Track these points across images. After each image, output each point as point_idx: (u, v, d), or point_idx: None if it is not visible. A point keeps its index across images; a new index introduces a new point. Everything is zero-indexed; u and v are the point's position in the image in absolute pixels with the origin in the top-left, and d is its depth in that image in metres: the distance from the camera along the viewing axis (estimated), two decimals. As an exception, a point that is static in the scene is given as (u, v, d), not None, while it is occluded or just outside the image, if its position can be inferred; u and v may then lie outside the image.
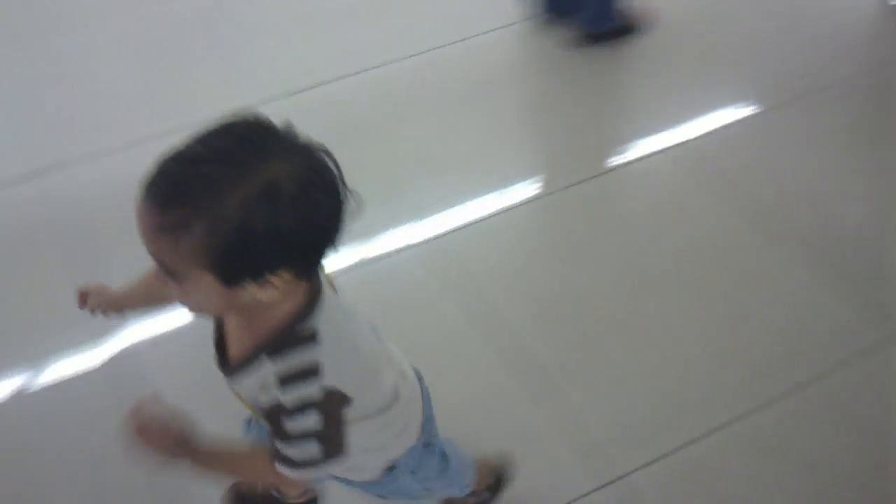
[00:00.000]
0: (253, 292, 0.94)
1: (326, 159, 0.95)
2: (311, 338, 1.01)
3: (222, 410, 1.36)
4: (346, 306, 1.11)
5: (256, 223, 0.88)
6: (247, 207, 0.87)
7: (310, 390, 1.00)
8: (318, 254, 0.97)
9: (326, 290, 1.07)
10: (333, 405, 1.03)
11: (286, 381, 1.00)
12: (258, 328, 1.02)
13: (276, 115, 0.97)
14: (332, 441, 1.05)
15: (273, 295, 0.95)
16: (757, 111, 2.82)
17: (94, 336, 2.18)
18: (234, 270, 0.91)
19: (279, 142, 0.92)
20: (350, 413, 1.07)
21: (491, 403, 2.03)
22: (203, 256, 0.89)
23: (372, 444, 1.23)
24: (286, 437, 1.03)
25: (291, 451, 1.04)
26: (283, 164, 0.90)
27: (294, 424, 1.01)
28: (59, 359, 2.17)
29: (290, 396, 1.00)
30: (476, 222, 2.47)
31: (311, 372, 1.00)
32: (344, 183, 0.95)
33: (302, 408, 1.01)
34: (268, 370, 1.01)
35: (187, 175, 0.88)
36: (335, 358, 1.03)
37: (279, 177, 0.89)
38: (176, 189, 0.88)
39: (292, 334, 1.01)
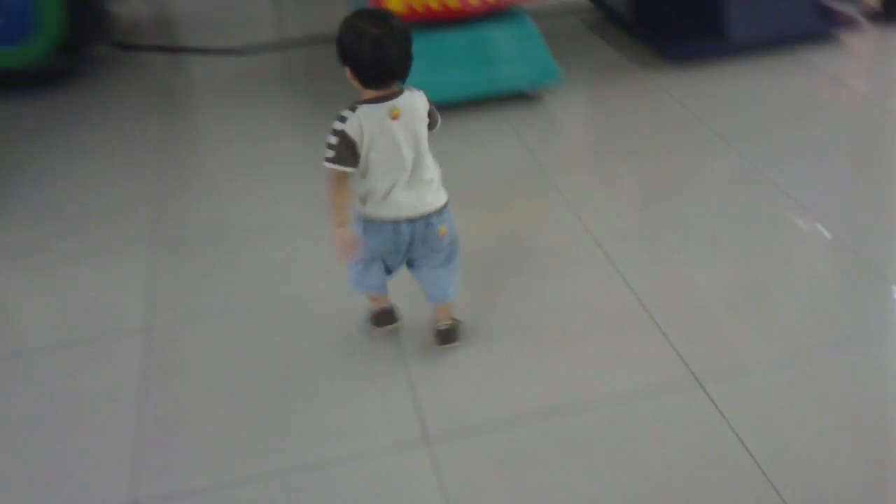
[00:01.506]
0: (350, 80, 1.95)
1: (402, 40, 1.92)
2: (353, 109, 1.95)
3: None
4: (384, 121, 1.96)
5: (344, 44, 1.93)
6: (344, 39, 1.93)
7: (337, 125, 1.95)
8: (367, 76, 1.93)
9: (380, 107, 1.96)
10: (341, 137, 1.95)
11: (335, 119, 1.95)
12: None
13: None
14: (335, 150, 1.96)
15: (354, 84, 1.96)
16: None
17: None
18: (341, 59, 1.95)
19: (386, 22, 1.92)
20: (347, 150, 1.96)
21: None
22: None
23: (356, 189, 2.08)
24: (326, 143, 1.97)
25: (325, 152, 1.96)
26: (375, 28, 1.89)
27: (328, 138, 1.96)
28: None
29: (332, 126, 1.96)
30: None
31: (341, 119, 1.95)
32: (408, 46, 1.94)
33: (332, 132, 1.95)
34: None
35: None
36: (353, 123, 1.94)
37: (366, 30, 1.89)
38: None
39: (351, 105, 1.96)
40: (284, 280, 2.64)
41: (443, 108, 3.42)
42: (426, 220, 2.08)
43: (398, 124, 1.98)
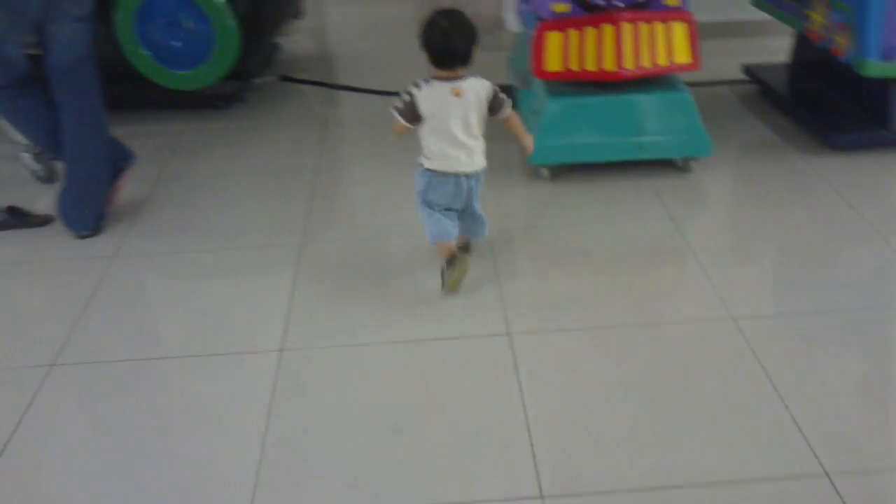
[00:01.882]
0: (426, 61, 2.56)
1: (466, 32, 2.53)
2: (427, 81, 2.57)
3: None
4: (446, 96, 2.57)
5: (423, 32, 2.52)
6: (423, 28, 2.53)
7: (411, 89, 2.57)
8: (436, 59, 2.54)
9: (446, 84, 2.57)
10: (410, 98, 2.58)
11: (412, 84, 2.58)
12: None
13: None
14: (402, 106, 2.60)
15: (429, 63, 2.57)
16: None
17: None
18: (420, 44, 2.54)
19: (455, 18, 2.54)
20: (411, 111, 2.60)
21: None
22: None
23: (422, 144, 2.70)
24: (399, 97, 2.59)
25: (395, 103, 2.61)
26: (445, 21, 2.52)
27: (402, 94, 2.60)
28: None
29: (407, 88, 2.58)
30: None
31: (416, 85, 2.58)
32: (471, 40, 2.55)
33: (406, 92, 2.58)
34: None
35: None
36: (422, 92, 2.57)
37: (439, 22, 2.52)
38: None
39: (426, 78, 2.56)
40: (414, 320, 2.69)
41: (589, 169, 3.47)
42: (477, 176, 2.75)
43: (458, 101, 2.58)
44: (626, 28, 3.26)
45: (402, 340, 2.59)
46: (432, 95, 2.57)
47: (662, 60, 3.35)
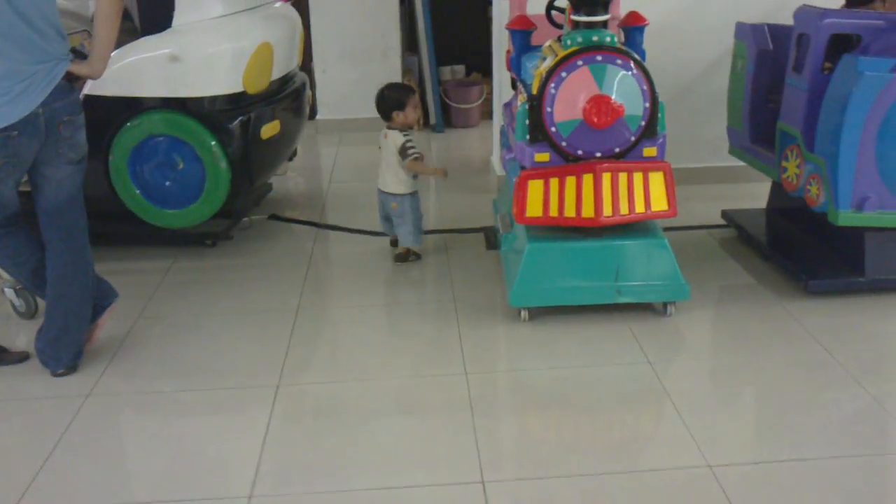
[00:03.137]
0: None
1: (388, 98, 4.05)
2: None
3: None
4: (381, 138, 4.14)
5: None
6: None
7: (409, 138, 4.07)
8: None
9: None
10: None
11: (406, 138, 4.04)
12: None
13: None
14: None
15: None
16: None
17: None
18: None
19: (391, 87, 4.15)
20: None
21: None
22: None
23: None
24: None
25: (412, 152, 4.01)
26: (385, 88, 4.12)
27: (409, 143, 4.05)
28: None
29: (406, 141, 4.02)
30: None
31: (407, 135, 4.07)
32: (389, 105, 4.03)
33: (408, 141, 4.05)
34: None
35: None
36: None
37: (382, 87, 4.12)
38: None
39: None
40: (390, 466, 2.65)
41: (568, 311, 3.50)
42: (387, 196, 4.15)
43: (384, 142, 4.07)
44: (606, 177, 3.36)
45: (377, 488, 2.55)
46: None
47: (640, 208, 3.43)
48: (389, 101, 4.00)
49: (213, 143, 4.01)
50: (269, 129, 4.23)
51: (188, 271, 4.18)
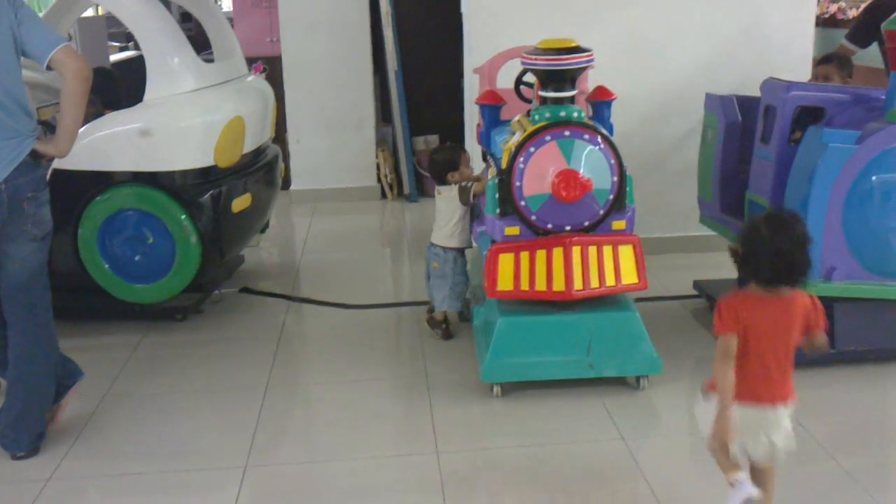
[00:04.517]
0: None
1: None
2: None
3: None
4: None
5: None
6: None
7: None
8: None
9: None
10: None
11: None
12: None
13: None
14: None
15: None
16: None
17: None
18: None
19: None
20: None
21: None
22: None
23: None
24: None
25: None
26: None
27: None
28: None
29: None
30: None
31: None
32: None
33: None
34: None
35: None
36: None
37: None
38: None
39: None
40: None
41: (540, 385, 3.47)
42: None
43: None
44: (576, 251, 3.36)
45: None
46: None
47: (611, 281, 3.43)
48: (442, 165, 3.92)
49: (184, 217, 4.00)
50: (240, 203, 4.22)
51: (157, 346, 4.12)
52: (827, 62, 4.52)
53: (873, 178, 3.42)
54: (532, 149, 3.29)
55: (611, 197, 3.38)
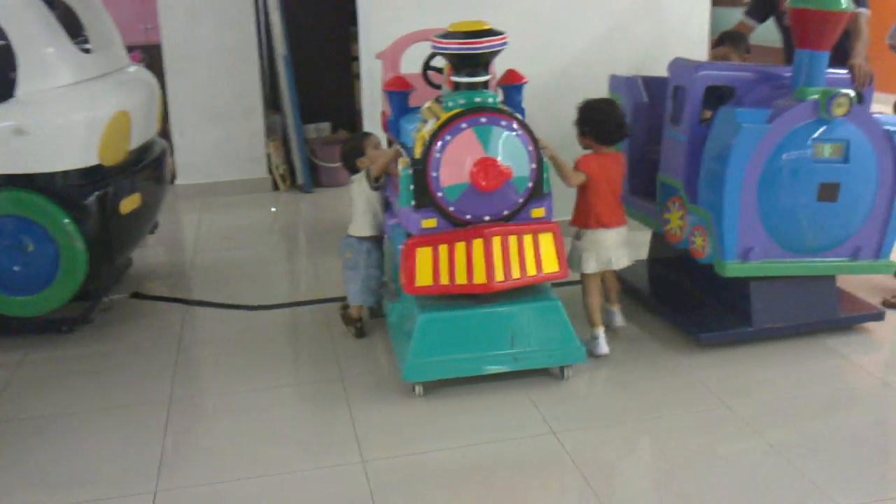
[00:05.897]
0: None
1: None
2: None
3: None
4: None
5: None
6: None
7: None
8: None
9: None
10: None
11: None
12: None
13: None
14: None
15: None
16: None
17: None
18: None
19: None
20: None
21: None
22: None
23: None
24: None
25: None
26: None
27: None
28: None
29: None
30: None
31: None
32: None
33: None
34: None
35: None
36: None
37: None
38: None
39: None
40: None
41: (464, 382, 3.35)
42: None
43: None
44: (496, 241, 3.24)
45: None
46: None
47: (532, 271, 3.33)
48: (349, 153, 3.84)
49: (67, 221, 3.68)
50: (129, 203, 3.92)
51: (43, 364, 3.77)
52: (721, 44, 4.55)
53: (784, 156, 3.43)
54: (448, 137, 3.15)
55: (530, 185, 3.27)
